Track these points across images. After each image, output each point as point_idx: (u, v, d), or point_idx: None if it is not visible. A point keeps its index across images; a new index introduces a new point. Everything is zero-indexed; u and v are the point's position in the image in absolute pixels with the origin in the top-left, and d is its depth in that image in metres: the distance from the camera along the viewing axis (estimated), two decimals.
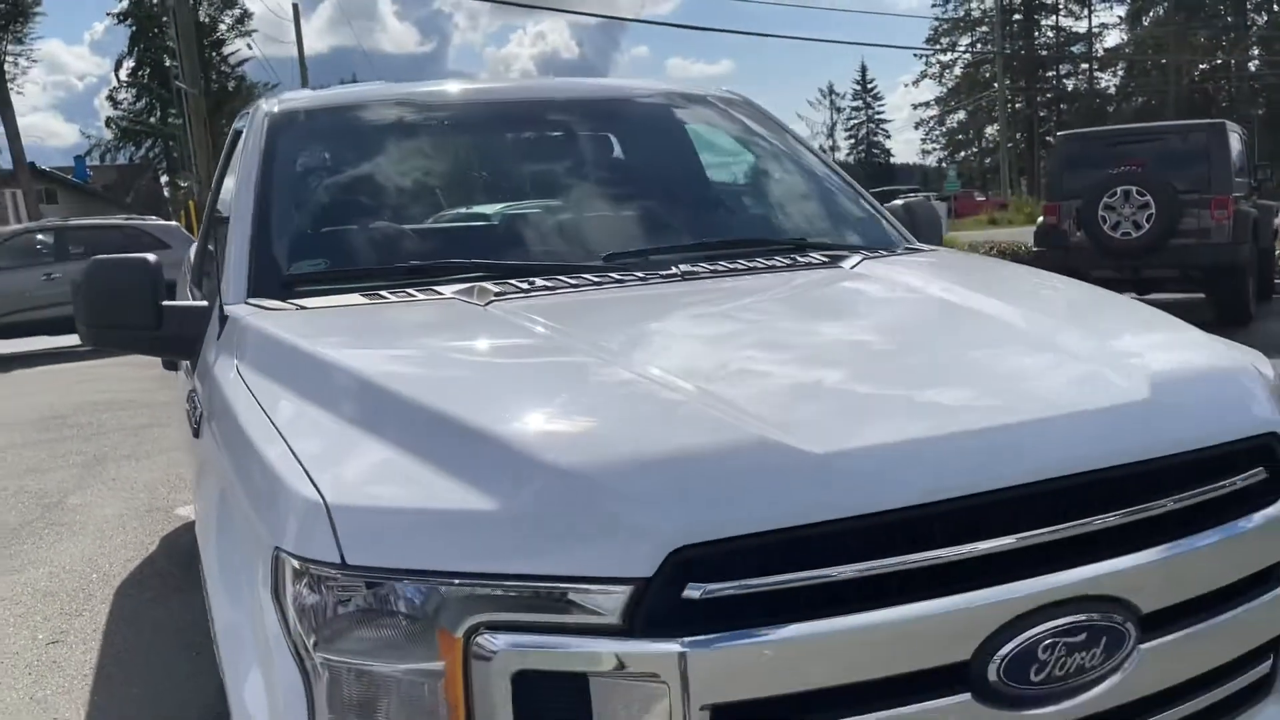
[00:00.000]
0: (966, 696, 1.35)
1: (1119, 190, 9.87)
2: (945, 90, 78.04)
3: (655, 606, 1.27)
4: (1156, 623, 1.46)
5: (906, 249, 2.82)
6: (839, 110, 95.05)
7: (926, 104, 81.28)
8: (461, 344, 1.96)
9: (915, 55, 73.24)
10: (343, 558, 1.33)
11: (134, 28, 52.71)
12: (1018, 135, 66.21)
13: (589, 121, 3.14)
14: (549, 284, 2.24)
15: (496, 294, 2.16)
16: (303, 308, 2.18)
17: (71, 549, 5.23)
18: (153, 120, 52.97)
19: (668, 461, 1.37)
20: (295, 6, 37.98)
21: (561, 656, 1.27)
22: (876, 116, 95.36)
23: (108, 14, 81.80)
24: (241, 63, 53.94)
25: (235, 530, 1.67)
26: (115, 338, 2.44)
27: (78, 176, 41.53)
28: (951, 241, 17.02)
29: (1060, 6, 68.69)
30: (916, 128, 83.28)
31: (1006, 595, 1.35)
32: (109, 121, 54.37)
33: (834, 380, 1.72)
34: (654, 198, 2.94)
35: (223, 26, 53.64)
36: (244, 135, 2.83)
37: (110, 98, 54.59)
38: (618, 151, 3.17)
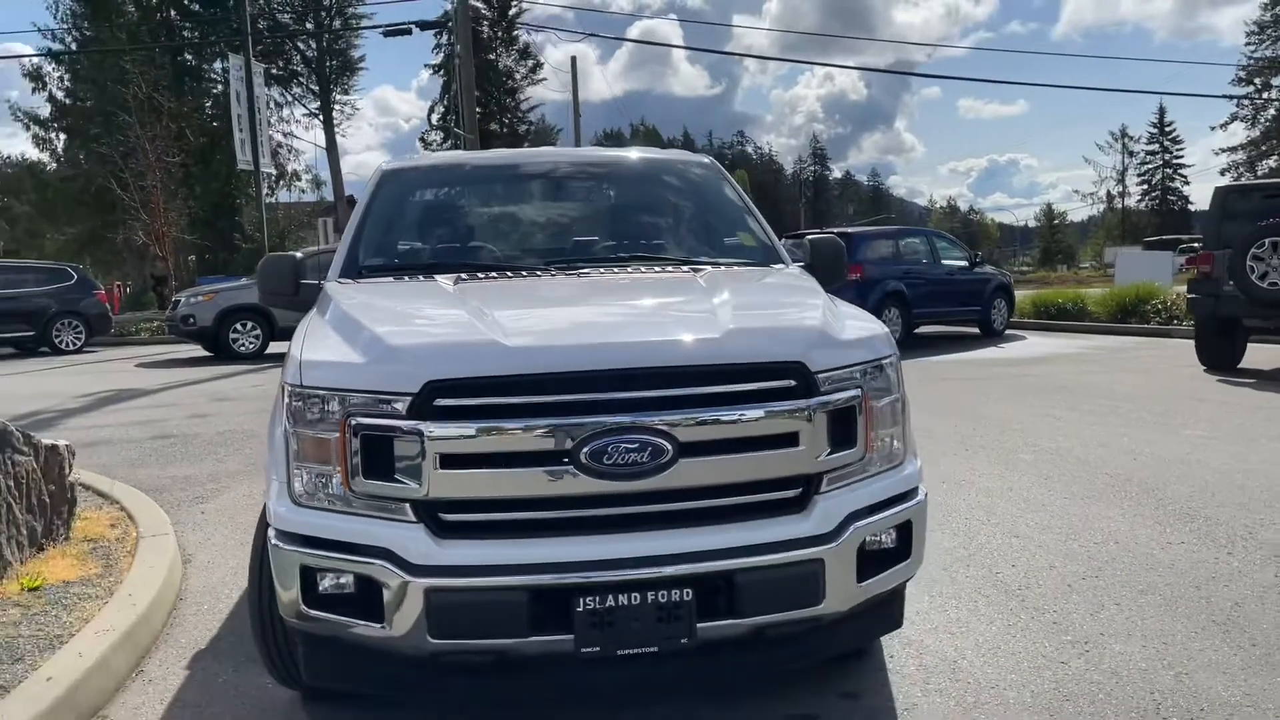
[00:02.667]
0: (571, 467, 2.74)
1: (1267, 242, 10.05)
2: (1259, 133, 72.40)
3: (420, 408, 2.76)
4: (691, 450, 2.77)
5: (767, 267, 4.12)
6: (1131, 154, 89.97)
7: (1232, 149, 75.58)
8: (414, 298, 3.57)
9: (1228, 97, 68.40)
10: (301, 382, 2.93)
11: (445, 78, 59.24)
12: None
13: (583, 179, 4.68)
14: (497, 276, 3.79)
15: (466, 279, 3.73)
16: (358, 282, 3.86)
17: None
18: None
19: (434, 343, 2.90)
20: (573, 59, 41.69)
21: (379, 427, 2.80)
22: (1174, 161, 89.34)
23: (425, 65, 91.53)
24: (532, 109, 59.27)
25: (278, 399, 3.28)
26: (274, 300, 4.22)
27: None
28: (1155, 291, 16.82)
29: None
30: (1223, 174, 77.13)
31: (587, 420, 2.73)
32: None
33: (567, 316, 3.21)
34: (607, 225, 4.46)
35: (518, 75, 59.23)
36: (367, 182, 4.60)
37: (422, 139, 61.34)
38: (597, 199, 4.68)
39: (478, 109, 55.80)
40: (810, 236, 4.59)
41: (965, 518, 5.44)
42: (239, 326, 17.21)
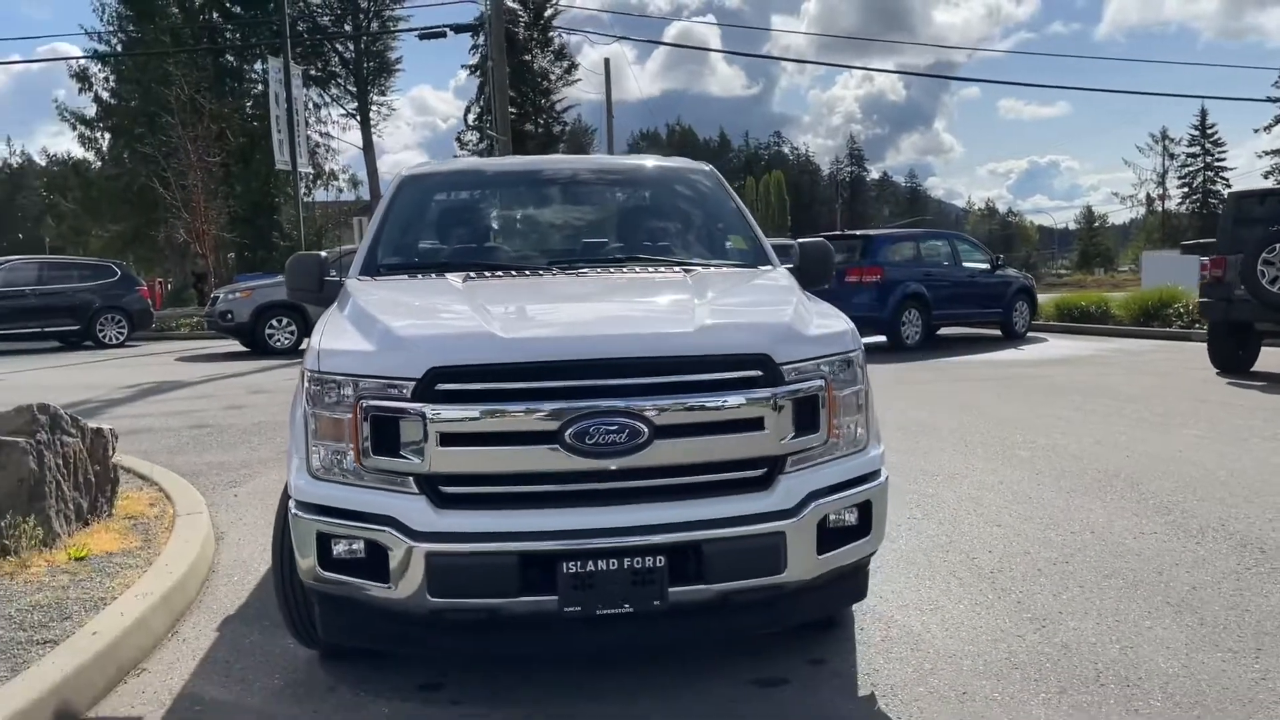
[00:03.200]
0: (557, 446, 3.06)
1: (1278, 246, 10.19)
2: None
3: (423, 391, 3.10)
4: (665, 432, 3.08)
5: (755, 269, 4.42)
6: (1172, 157, 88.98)
7: (1275, 152, 74.85)
8: (424, 294, 3.91)
9: (1271, 100, 67.66)
10: (319, 368, 3.28)
11: (481, 78, 59.76)
12: None
13: (590, 185, 5.02)
14: (502, 275, 4.13)
15: (475, 278, 4.07)
16: (375, 279, 4.21)
17: None
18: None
19: (436, 334, 3.23)
20: (606, 62, 42.13)
21: (387, 409, 3.13)
22: (1216, 164, 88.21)
23: (463, 66, 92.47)
24: (566, 109, 59.74)
25: (299, 384, 3.65)
26: (301, 295, 4.58)
27: None
28: (1177, 295, 16.86)
29: None
30: (1266, 176, 76.21)
31: (572, 404, 3.05)
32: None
33: (559, 311, 3.54)
34: (609, 229, 4.79)
35: (553, 76, 59.64)
36: (388, 186, 4.96)
37: (458, 139, 61.89)
38: (602, 204, 5.02)
39: (513, 110, 56.42)
40: (800, 240, 4.88)
41: (953, 508, 5.71)
42: (274, 322, 17.73)
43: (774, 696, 3.40)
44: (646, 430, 3.08)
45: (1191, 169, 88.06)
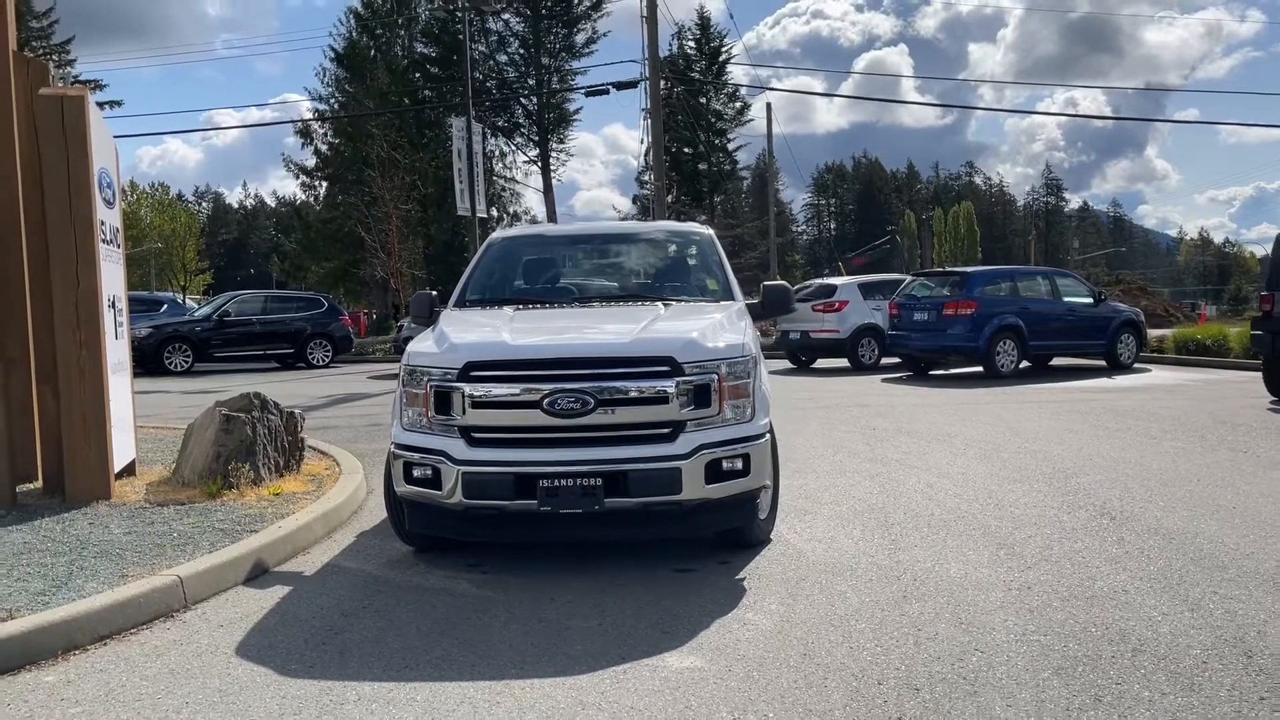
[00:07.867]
0: (539, 410, 5.09)
1: None
2: None
3: (462, 375, 5.20)
4: (605, 403, 5.05)
5: (718, 303, 6.32)
6: None
7: None
8: (485, 317, 6.04)
9: None
10: (410, 363, 5.45)
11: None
12: None
13: (616, 244, 7.07)
14: (540, 307, 6.23)
15: (524, 308, 6.19)
16: (460, 310, 6.38)
17: None
18: (668, 199, 62.81)
19: (472, 342, 5.36)
20: (768, 105, 43.80)
21: (444, 387, 5.26)
22: None
23: (641, 108, 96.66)
24: (739, 148, 62.08)
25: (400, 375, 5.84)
26: (419, 321, 6.80)
27: None
28: None
29: None
30: None
31: (548, 385, 5.07)
32: (635, 198, 65.35)
33: (556, 328, 5.64)
34: (621, 275, 6.81)
35: (726, 116, 62.16)
36: (481, 244, 7.19)
37: (638, 179, 65.28)
38: (622, 257, 7.05)
39: (687, 150, 58.98)
40: (765, 284, 6.75)
41: (906, 488, 7.36)
42: None
43: (682, 576, 5.30)
44: (593, 401, 5.06)
45: None
